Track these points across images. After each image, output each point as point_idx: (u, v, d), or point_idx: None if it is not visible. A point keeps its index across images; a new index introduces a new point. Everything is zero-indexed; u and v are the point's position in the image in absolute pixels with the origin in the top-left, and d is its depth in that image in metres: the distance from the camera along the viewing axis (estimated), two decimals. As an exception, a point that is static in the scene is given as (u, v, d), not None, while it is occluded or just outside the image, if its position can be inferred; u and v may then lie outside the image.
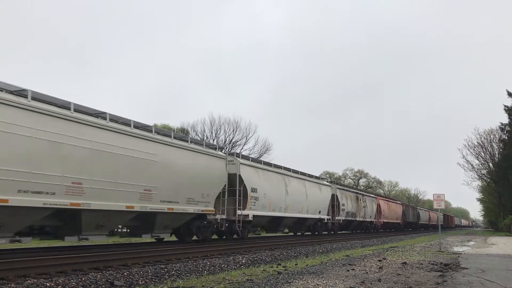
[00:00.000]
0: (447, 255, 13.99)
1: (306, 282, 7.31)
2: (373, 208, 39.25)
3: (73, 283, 7.47)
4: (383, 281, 7.72)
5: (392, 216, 44.97)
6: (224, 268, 10.71)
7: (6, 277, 7.70)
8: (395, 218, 46.00)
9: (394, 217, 46.07)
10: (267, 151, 47.42)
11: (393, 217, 45.60)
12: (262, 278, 7.95)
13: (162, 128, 44.87)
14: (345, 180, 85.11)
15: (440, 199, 17.96)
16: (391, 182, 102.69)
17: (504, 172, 45.44)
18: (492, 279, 8.09)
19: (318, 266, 10.12)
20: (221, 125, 45.37)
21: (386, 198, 47.88)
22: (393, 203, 47.54)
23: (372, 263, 10.72)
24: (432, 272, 9.23)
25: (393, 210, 45.86)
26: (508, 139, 45.77)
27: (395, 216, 46.23)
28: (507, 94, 44.44)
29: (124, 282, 8.11)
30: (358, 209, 34.61)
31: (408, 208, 55.61)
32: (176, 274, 9.34)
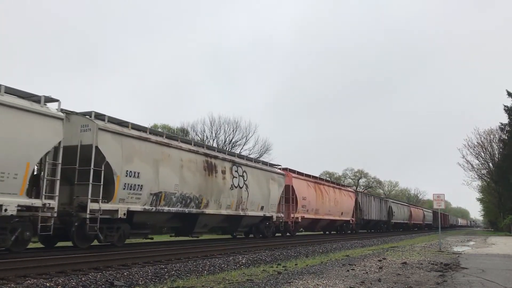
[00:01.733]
0: (447, 255, 13.99)
1: (306, 282, 7.30)
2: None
3: (73, 283, 7.47)
4: (383, 281, 7.72)
5: (331, 210, 29.42)
6: (224, 268, 10.70)
7: (6, 277, 7.69)
8: (338, 214, 30.65)
9: (335, 211, 30.24)
10: (267, 151, 47.38)
11: (334, 211, 30.16)
12: (262, 278, 7.95)
13: (162, 128, 44.93)
14: (345, 180, 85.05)
15: (440, 199, 17.99)
16: (391, 182, 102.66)
17: (504, 172, 45.43)
18: (492, 279, 8.09)
19: (318, 266, 10.12)
20: (221, 125, 45.33)
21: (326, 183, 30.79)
22: (331, 187, 30.58)
23: (372, 263, 10.72)
24: (432, 272, 9.22)
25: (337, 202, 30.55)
26: (508, 139, 45.75)
27: (337, 210, 30.60)
28: (507, 94, 44.44)
29: (124, 282, 8.11)
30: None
31: (368, 200, 38.78)
32: (176, 274, 9.33)
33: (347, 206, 32.77)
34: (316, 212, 26.77)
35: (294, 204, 23.52)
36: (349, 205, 33.11)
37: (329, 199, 29.30)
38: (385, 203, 44.53)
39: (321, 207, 27.33)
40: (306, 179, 26.10)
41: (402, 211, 51.71)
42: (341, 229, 33.23)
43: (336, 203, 30.62)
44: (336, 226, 32.33)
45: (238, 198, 18.30)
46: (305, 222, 25.71)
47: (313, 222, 27.27)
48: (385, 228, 44.92)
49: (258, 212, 20.10)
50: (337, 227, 32.80)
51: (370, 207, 38.64)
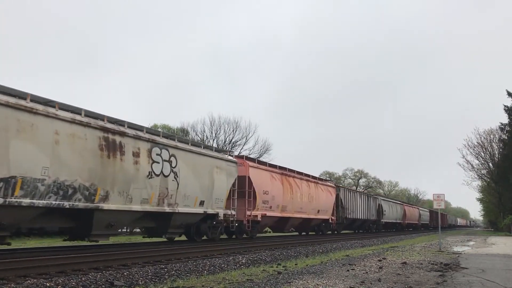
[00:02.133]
0: (447, 255, 13.99)
1: (306, 282, 7.31)
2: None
3: (73, 283, 7.47)
4: (383, 281, 7.72)
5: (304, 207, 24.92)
6: (224, 268, 10.70)
7: (6, 277, 7.69)
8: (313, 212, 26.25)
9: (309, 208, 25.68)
10: (267, 151, 47.40)
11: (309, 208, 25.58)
12: (262, 278, 7.95)
13: (162, 127, 44.96)
14: (345, 180, 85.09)
15: (440, 199, 17.99)
16: (391, 182, 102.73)
17: (504, 172, 45.46)
18: (492, 279, 8.09)
19: (318, 266, 10.12)
20: (221, 125, 45.37)
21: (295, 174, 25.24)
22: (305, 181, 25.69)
23: (372, 263, 10.72)
24: (432, 272, 9.22)
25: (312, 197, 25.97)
26: (508, 139, 45.77)
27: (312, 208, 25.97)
28: (507, 94, 44.45)
29: (124, 282, 8.11)
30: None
31: (352, 196, 34.54)
32: (176, 274, 9.33)
33: (326, 202, 28.08)
34: (283, 210, 22.32)
35: (252, 199, 19.24)
36: (328, 201, 28.43)
37: (302, 194, 24.41)
38: (374, 201, 40.47)
39: (290, 204, 22.94)
40: (269, 170, 21.59)
41: (394, 210, 47.49)
42: (318, 229, 29.10)
43: (310, 199, 25.63)
44: (312, 226, 28.08)
45: (162, 190, 13.45)
46: (268, 221, 21.90)
47: (281, 221, 23.20)
48: (374, 229, 40.91)
49: (196, 209, 15.35)
50: (313, 227, 28.57)
51: (355, 205, 34.54)
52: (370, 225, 39.93)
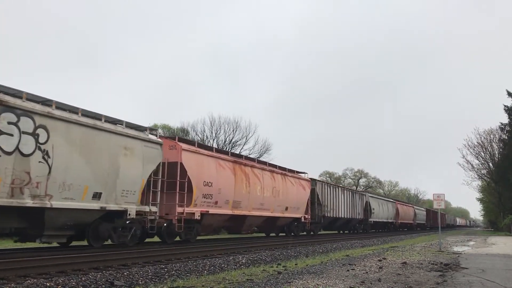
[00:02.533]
0: (447, 255, 13.99)
1: (306, 282, 7.30)
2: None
3: (73, 283, 7.47)
4: (383, 281, 7.72)
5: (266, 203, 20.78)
6: (224, 268, 10.71)
7: (6, 277, 7.69)
8: (280, 209, 21.98)
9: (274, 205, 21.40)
10: (267, 151, 47.41)
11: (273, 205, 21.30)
12: (262, 278, 7.95)
13: (162, 128, 45.00)
14: (345, 180, 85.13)
15: (440, 199, 18.00)
16: (391, 182, 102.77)
17: (504, 172, 45.47)
18: (492, 279, 8.09)
19: (318, 266, 10.12)
20: (221, 125, 45.37)
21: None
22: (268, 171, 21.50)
23: (372, 263, 10.72)
24: (432, 272, 9.22)
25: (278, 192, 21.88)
26: (508, 139, 45.79)
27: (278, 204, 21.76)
28: (507, 94, 44.49)
29: (124, 282, 8.11)
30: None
31: (333, 192, 30.13)
32: (176, 274, 9.34)
33: (297, 198, 23.56)
34: (236, 206, 17.84)
35: (187, 192, 14.88)
36: (300, 197, 23.94)
37: (263, 188, 19.99)
38: (361, 198, 36.45)
39: (245, 199, 18.55)
40: (215, 156, 17.00)
41: (384, 208, 42.95)
42: (289, 230, 24.57)
43: (276, 193, 21.07)
44: (280, 226, 23.79)
45: (18, 174, 9.47)
46: (215, 220, 17.28)
47: (234, 220, 18.72)
48: (361, 229, 37.16)
49: (85, 203, 11.26)
50: (282, 227, 24.26)
51: (337, 202, 30.34)
52: (356, 225, 36.27)
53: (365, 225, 37.74)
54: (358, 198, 35.71)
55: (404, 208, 53.00)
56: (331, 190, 29.92)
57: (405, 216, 51.89)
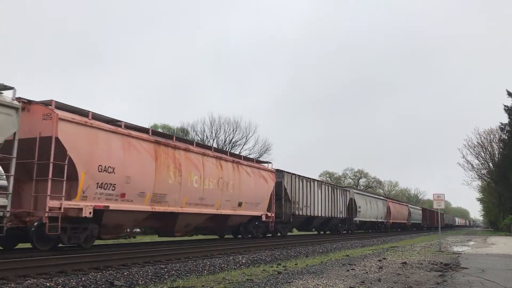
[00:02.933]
0: (447, 255, 14.00)
1: (306, 282, 7.31)
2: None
3: (73, 283, 7.47)
4: (383, 281, 7.72)
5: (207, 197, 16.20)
6: (224, 268, 10.71)
7: (6, 277, 7.69)
8: (230, 205, 17.57)
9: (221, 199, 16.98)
10: (267, 151, 47.42)
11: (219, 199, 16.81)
12: (262, 278, 7.95)
13: (162, 127, 45.00)
14: (345, 180, 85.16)
15: (440, 199, 18.00)
16: (391, 182, 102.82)
17: (504, 172, 45.52)
18: (492, 279, 8.09)
19: (318, 266, 10.12)
20: (221, 125, 45.42)
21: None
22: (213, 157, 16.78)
23: (372, 263, 10.72)
24: (432, 272, 9.23)
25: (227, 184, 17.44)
26: (508, 139, 45.83)
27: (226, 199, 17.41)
28: (507, 94, 44.54)
29: (124, 282, 8.11)
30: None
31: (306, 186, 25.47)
32: (176, 274, 9.34)
33: (256, 192, 19.09)
34: (157, 200, 13.45)
35: (67, 179, 10.53)
36: (260, 191, 19.44)
37: (203, 178, 15.53)
38: (343, 194, 32.06)
39: (175, 191, 14.14)
40: (121, 133, 12.30)
41: (373, 207, 38.74)
42: (246, 231, 19.60)
43: (224, 185, 16.69)
44: (232, 225, 18.78)
45: None
46: (124, 218, 12.70)
47: (157, 219, 14.28)
48: (345, 229, 33.09)
49: None
50: (237, 227, 19.23)
51: (312, 198, 25.86)
52: (339, 225, 32.20)
53: (350, 225, 33.62)
54: (340, 194, 31.24)
55: (397, 207, 48.87)
56: (305, 184, 25.14)
57: (397, 215, 47.98)
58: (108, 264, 9.87)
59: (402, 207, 51.72)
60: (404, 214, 51.46)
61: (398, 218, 47.86)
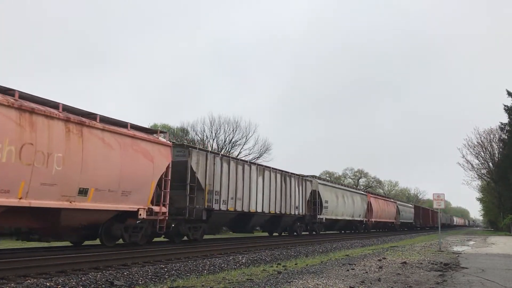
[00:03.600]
0: (447, 254, 14.00)
1: (306, 282, 7.31)
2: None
3: (73, 283, 7.48)
4: (383, 280, 7.72)
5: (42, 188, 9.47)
6: (224, 267, 10.71)
7: (6, 276, 7.70)
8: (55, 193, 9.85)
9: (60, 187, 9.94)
10: (267, 151, 47.40)
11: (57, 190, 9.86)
12: (262, 277, 7.95)
13: (162, 127, 45.05)
14: (345, 179, 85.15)
15: (440, 199, 17.99)
16: (391, 182, 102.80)
17: (504, 171, 45.53)
18: (492, 279, 8.09)
19: (318, 265, 10.13)
20: (221, 124, 45.38)
21: None
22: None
23: (372, 263, 10.73)
24: (432, 272, 9.23)
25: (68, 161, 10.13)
26: (508, 139, 45.85)
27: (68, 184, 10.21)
28: (507, 94, 44.55)
29: (124, 281, 8.11)
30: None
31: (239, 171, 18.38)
32: (176, 273, 9.34)
33: (126, 174, 11.84)
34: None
35: None
36: (134, 172, 12.12)
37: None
38: (301, 184, 24.42)
39: None
40: None
41: (347, 202, 31.61)
42: (106, 232, 12.31)
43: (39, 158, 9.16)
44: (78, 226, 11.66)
45: None
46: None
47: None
48: (304, 229, 25.75)
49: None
50: (91, 227, 12.06)
51: (247, 188, 18.66)
52: (297, 224, 24.72)
53: (312, 224, 26.36)
54: (296, 184, 23.60)
55: (381, 203, 41.38)
56: (232, 168, 17.81)
57: (382, 213, 40.82)
58: (108, 264, 9.88)
59: (388, 204, 44.43)
60: (391, 213, 44.37)
61: (383, 216, 41.13)
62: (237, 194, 18.03)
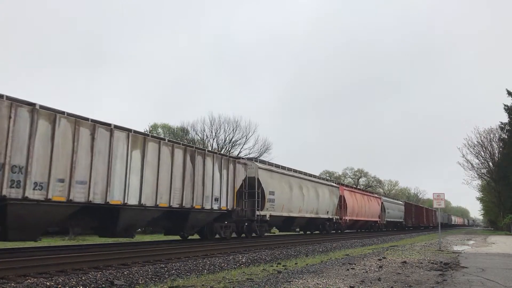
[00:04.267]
0: (447, 254, 14.00)
1: (306, 281, 7.31)
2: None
3: (73, 282, 7.47)
4: (383, 280, 7.72)
5: None
6: (224, 267, 10.71)
7: (6, 276, 7.70)
8: None
9: None
10: (267, 150, 47.36)
11: None
12: (262, 277, 7.95)
13: (162, 127, 45.04)
14: (345, 179, 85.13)
15: (440, 198, 17.98)
16: (391, 182, 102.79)
17: (504, 171, 45.51)
18: (492, 278, 8.09)
19: (318, 265, 10.12)
20: (221, 124, 45.36)
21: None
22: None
23: (372, 262, 10.72)
24: (432, 271, 9.23)
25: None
26: (508, 138, 45.83)
27: None
28: (507, 94, 44.52)
29: (124, 281, 8.11)
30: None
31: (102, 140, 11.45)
32: (176, 273, 9.34)
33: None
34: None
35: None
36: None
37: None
38: (228, 167, 17.90)
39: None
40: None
41: (308, 195, 25.08)
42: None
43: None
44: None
45: None
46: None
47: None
48: (230, 231, 19.02)
49: None
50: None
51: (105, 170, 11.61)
52: (215, 225, 17.94)
53: (249, 224, 20.14)
54: (216, 167, 17.02)
55: (358, 198, 34.02)
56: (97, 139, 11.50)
57: (361, 210, 33.93)
58: (108, 263, 9.88)
59: (369, 200, 37.10)
60: (374, 209, 37.48)
61: (361, 214, 34.25)
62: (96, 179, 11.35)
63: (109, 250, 11.84)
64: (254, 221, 19.86)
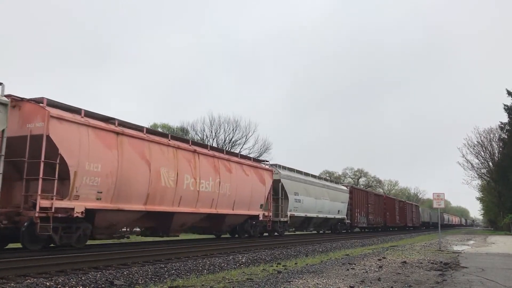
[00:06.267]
0: (447, 254, 14.00)
1: (306, 281, 7.31)
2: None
3: (72, 282, 7.47)
4: (383, 280, 7.72)
5: None
6: (224, 267, 10.71)
7: (6, 276, 7.70)
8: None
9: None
10: (267, 150, 47.38)
11: None
12: (262, 277, 7.95)
13: (162, 127, 44.97)
14: (345, 179, 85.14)
15: (440, 198, 17.99)
16: (391, 182, 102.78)
17: (503, 171, 45.52)
18: (491, 278, 8.09)
19: (318, 265, 10.12)
20: (221, 124, 45.38)
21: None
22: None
23: (372, 262, 10.73)
24: (432, 271, 9.23)
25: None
26: (508, 138, 45.84)
27: None
28: (507, 93, 44.53)
29: (124, 281, 8.11)
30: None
31: None
32: (176, 273, 9.34)
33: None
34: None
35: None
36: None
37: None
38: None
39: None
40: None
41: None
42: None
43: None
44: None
45: None
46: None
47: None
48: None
49: None
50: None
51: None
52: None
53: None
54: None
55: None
56: None
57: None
58: (108, 263, 9.88)
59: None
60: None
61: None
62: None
63: (109, 250, 11.84)
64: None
